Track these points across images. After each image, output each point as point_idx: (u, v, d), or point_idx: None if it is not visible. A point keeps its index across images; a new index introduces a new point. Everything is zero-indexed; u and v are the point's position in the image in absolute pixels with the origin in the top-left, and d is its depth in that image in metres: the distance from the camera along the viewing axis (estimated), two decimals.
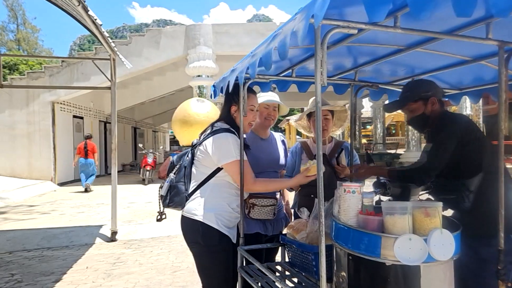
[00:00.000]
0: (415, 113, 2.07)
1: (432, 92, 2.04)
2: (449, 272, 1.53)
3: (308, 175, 2.02)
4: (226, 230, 2.14)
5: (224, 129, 2.16)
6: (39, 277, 4.16)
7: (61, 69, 12.58)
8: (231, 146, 2.08)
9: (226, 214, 2.14)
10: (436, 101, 2.04)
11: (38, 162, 12.59)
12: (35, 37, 40.61)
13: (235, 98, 2.21)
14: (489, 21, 1.44)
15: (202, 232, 2.09)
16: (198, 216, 2.10)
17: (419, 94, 2.04)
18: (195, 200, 2.14)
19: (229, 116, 2.25)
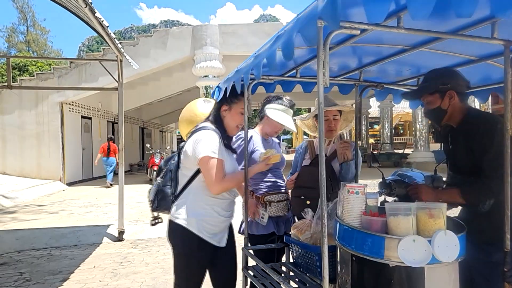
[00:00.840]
0: (431, 105, 1.94)
1: (452, 84, 1.87)
2: (454, 274, 1.52)
3: (268, 163, 2.14)
4: (209, 236, 2.11)
5: (208, 128, 2.16)
6: (47, 276, 4.21)
7: (69, 70, 12.72)
8: (207, 142, 2.06)
9: (211, 219, 2.12)
10: (455, 95, 1.88)
11: (47, 162, 12.74)
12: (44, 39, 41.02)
13: (227, 98, 2.22)
14: (494, 21, 1.42)
15: (182, 236, 2.09)
16: (180, 220, 2.10)
17: (436, 86, 1.89)
18: (179, 203, 2.15)
19: (217, 116, 2.25)
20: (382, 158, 17.35)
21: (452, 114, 1.91)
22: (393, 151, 19.60)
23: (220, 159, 2.06)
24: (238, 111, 2.24)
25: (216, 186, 2.03)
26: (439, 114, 1.93)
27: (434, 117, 1.98)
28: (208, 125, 2.18)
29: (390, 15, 1.28)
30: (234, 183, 2.15)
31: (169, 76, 15.98)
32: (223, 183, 2.05)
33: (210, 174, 2.02)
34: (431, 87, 1.91)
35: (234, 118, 2.25)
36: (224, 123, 2.24)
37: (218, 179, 2.03)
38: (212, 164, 2.02)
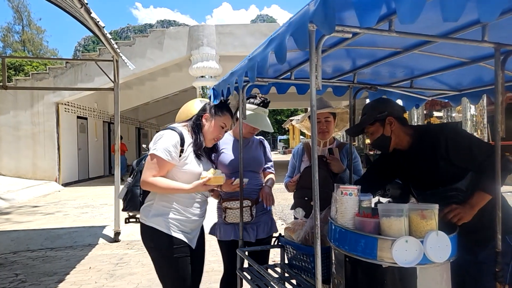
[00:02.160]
0: (375, 135, 2.03)
1: (388, 111, 1.98)
2: (446, 274, 1.54)
3: (207, 184, 2.00)
4: (180, 233, 2.09)
5: (172, 128, 2.13)
6: (42, 277, 4.20)
7: (65, 70, 12.68)
8: (162, 141, 2.04)
9: (180, 218, 2.10)
10: (394, 120, 1.98)
11: (43, 163, 12.69)
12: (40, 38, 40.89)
13: (212, 110, 2.21)
14: (484, 24, 1.44)
15: (154, 238, 2.08)
16: (148, 221, 2.09)
17: (374, 116, 1.99)
18: (146, 204, 2.14)
19: (198, 121, 2.21)
20: None
21: (398, 138, 1.99)
22: None
23: (165, 161, 2.01)
24: (219, 124, 2.21)
25: (143, 182, 2.02)
26: (385, 141, 2.00)
27: (381, 145, 2.05)
28: (177, 126, 2.16)
29: (381, 18, 1.29)
30: (160, 189, 2.03)
31: (165, 76, 15.97)
32: (149, 182, 2.01)
33: (145, 169, 2.03)
34: (370, 118, 2.01)
35: (213, 130, 2.20)
36: (202, 130, 2.20)
37: (148, 175, 2.00)
38: (153, 161, 2.01)
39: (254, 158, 2.58)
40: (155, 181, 2.00)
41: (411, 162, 2.01)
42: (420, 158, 1.95)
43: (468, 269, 1.84)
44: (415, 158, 1.98)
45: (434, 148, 1.87)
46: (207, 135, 2.20)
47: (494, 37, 1.51)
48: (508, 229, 1.79)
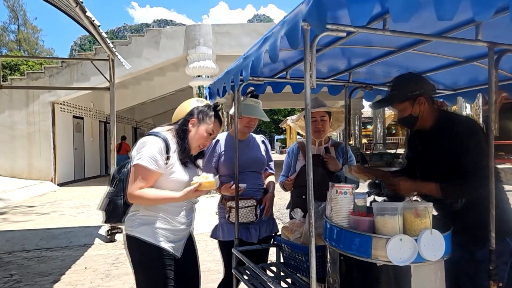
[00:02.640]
0: (403, 113, 1.94)
1: (421, 90, 1.88)
2: (440, 272, 1.54)
3: (198, 190, 1.88)
4: (167, 244, 1.98)
5: (156, 134, 1.98)
6: (37, 277, 4.18)
7: (61, 69, 12.62)
8: (146, 149, 1.90)
9: (166, 227, 1.98)
10: (425, 101, 1.89)
11: (38, 163, 12.62)
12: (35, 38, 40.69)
13: (199, 115, 2.06)
14: (478, 23, 1.45)
15: (139, 248, 1.95)
16: (134, 232, 1.95)
17: (406, 94, 1.88)
18: (131, 214, 2.00)
19: (184, 126, 2.04)
20: (375, 158, 17.47)
21: (423, 119, 1.93)
22: (386, 151, 19.73)
23: (152, 170, 1.88)
24: (205, 131, 2.05)
25: (130, 195, 1.89)
26: (411, 121, 1.94)
27: (406, 124, 1.99)
28: (160, 131, 2.01)
29: (375, 17, 1.30)
30: (149, 201, 1.92)
31: (162, 76, 15.94)
32: (137, 195, 1.88)
33: (131, 181, 1.89)
34: (400, 96, 1.90)
35: (199, 137, 2.05)
36: (188, 138, 2.03)
37: (135, 188, 1.87)
38: (139, 172, 1.87)
39: (256, 158, 2.57)
40: (143, 193, 1.88)
41: (426, 144, 1.96)
42: (434, 143, 1.90)
43: (464, 267, 1.84)
44: (430, 142, 1.93)
45: (447, 137, 1.82)
46: (192, 142, 2.04)
47: (488, 36, 1.52)
48: (509, 230, 1.80)
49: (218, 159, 2.51)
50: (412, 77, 1.95)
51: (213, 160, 2.52)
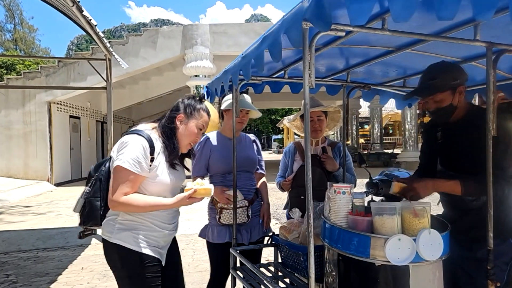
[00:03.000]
0: (441, 103, 1.79)
1: (461, 79, 1.77)
2: (438, 272, 1.54)
3: (193, 197, 1.74)
4: (151, 249, 1.82)
5: (140, 133, 1.81)
6: (34, 278, 4.15)
7: (57, 69, 12.56)
8: (128, 149, 1.72)
9: (150, 232, 1.83)
10: (464, 90, 1.79)
11: (34, 162, 12.56)
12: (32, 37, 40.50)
13: (187, 109, 1.90)
14: (476, 23, 1.45)
15: (120, 256, 1.79)
16: (114, 238, 1.79)
17: (449, 83, 1.75)
18: (109, 218, 1.83)
19: (171, 124, 1.88)
20: (372, 158, 17.51)
21: (458, 110, 1.83)
22: (383, 151, 19.78)
23: (135, 174, 1.71)
24: (195, 126, 1.90)
25: (114, 202, 1.71)
26: (450, 111, 1.81)
27: (444, 115, 1.84)
28: (144, 130, 1.84)
29: (374, 17, 1.30)
30: (136, 208, 1.75)
31: (159, 76, 15.91)
32: (123, 202, 1.71)
33: (113, 186, 1.71)
34: (443, 84, 1.76)
35: (188, 134, 1.89)
36: (176, 135, 1.88)
37: (120, 194, 1.70)
38: (121, 175, 1.70)
39: (248, 157, 2.55)
40: (130, 200, 1.71)
41: (451, 137, 1.87)
42: (463, 136, 1.81)
43: (464, 266, 1.84)
44: (457, 134, 1.84)
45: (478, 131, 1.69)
46: (182, 139, 1.89)
47: (486, 36, 1.52)
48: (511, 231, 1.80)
49: (208, 158, 2.47)
50: (452, 66, 1.83)
51: (203, 159, 2.47)
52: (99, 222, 1.84)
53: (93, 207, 1.81)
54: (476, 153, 1.71)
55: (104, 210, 1.83)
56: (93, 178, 1.85)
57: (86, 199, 1.83)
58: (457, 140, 1.85)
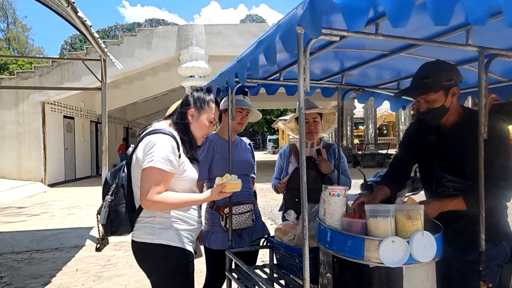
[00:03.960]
0: (433, 104, 1.73)
1: (455, 80, 1.72)
2: (431, 273, 1.56)
3: (223, 191, 1.80)
4: (191, 245, 1.89)
5: (163, 131, 1.81)
6: (28, 279, 4.13)
7: (51, 69, 12.49)
8: (158, 149, 1.73)
9: (187, 227, 1.88)
10: (457, 91, 1.74)
11: (28, 163, 12.47)
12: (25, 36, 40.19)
13: (197, 103, 1.93)
14: (469, 28, 1.48)
15: (165, 255, 1.80)
16: (157, 238, 1.79)
17: (442, 83, 1.69)
18: (145, 220, 1.82)
19: (183, 119, 1.91)
20: (366, 159, 17.60)
21: (450, 112, 1.78)
22: (377, 152, 19.90)
23: (167, 172, 1.73)
24: (206, 119, 1.94)
25: (148, 202, 1.71)
26: (441, 113, 1.76)
27: (435, 116, 1.78)
28: (164, 128, 1.85)
29: (368, 22, 1.31)
30: (170, 205, 1.78)
31: (154, 76, 15.86)
32: (157, 200, 1.71)
33: (146, 186, 1.70)
34: (436, 84, 1.70)
35: (201, 127, 1.93)
36: (190, 129, 1.92)
37: (153, 194, 1.70)
38: (154, 175, 1.70)
39: (246, 160, 2.55)
40: (164, 198, 1.72)
41: (446, 140, 1.84)
42: (457, 141, 1.79)
43: (458, 268, 1.86)
44: (452, 139, 1.82)
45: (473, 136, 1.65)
46: (196, 133, 1.93)
47: (478, 41, 1.54)
48: (504, 236, 1.83)
49: (211, 161, 2.44)
50: (446, 65, 1.76)
51: (208, 162, 2.44)
52: (131, 228, 1.83)
53: (121, 214, 1.80)
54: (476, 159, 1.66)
55: (132, 215, 1.82)
56: (112, 186, 1.83)
57: (111, 208, 1.80)
58: (456, 146, 1.81)
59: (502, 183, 1.68)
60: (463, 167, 1.78)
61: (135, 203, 1.85)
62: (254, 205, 2.51)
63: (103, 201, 1.83)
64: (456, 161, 1.81)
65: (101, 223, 1.83)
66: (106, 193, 1.84)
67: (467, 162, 1.75)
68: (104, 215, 1.80)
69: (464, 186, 1.78)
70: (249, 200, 2.46)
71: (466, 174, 1.76)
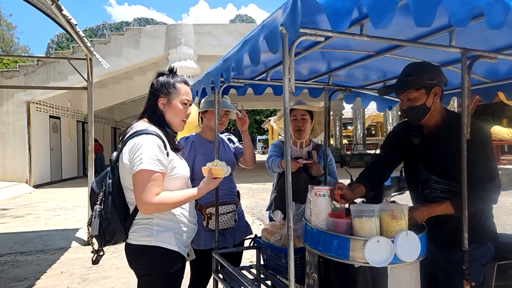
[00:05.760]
0: (414, 102, 1.77)
1: (438, 80, 1.75)
2: (416, 272, 1.58)
3: (215, 177, 1.76)
4: (184, 250, 1.84)
5: (146, 131, 1.73)
6: (11, 282, 4.04)
7: (37, 68, 12.26)
8: (145, 151, 1.65)
9: (184, 229, 1.82)
10: (439, 93, 1.77)
11: (12, 164, 12.23)
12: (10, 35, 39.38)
13: (163, 89, 1.81)
14: (452, 29, 1.49)
15: (160, 258, 1.73)
16: (154, 240, 1.71)
17: (424, 81, 1.73)
18: (142, 222, 1.74)
19: (156, 112, 1.81)
20: (355, 159, 17.75)
21: (432, 113, 1.81)
22: (366, 152, 20.08)
23: (160, 173, 1.67)
24: (178, 101, 1.82)
25: (148, 205, 1.63)
26: (422, 112, 1.79)
27: (416, 115, 1.81)
28: (147, 128, 1.75)
29: (353, 22, 1.32)
30: (170, 205, 1.71)
31: (142, 75, 15.70)
32: (157, 202, 1.64)
33: (141, 189, 1.63)
34: (418, 82, 1.73)
35: (176, 112, 1.82)
36: (166, 118, 1.82)
37: (151, 196, 1.63)
38: (146, 178, 1.63)
39: (229, 160, 2.52)
40: (163, 199, 1.66)
41: (430, 143, 1.86)
42: (442, 143, 1.81)
43: (444, 267, 1.88)
44: (436, 141, 1.84)
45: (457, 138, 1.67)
46: (174, 120, 1.82)
47: (461, 43, 1.56)
48: (490, 236, 1.86)
49: (193, 161, 2.42)
50: (430, 66, 1.81)
51: (190, 162, 2.40)
52: (125, 235, 1.74)
53: (113, 222, 1.71)
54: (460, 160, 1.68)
55: (125, 221, 1.74)
56: (100, 194, 1.73)
57: (102, 217, 1.71)
58: (438, 147, 1.84)
59: (487, 185, 1.70)
60: (448, 169, 1.80)
61: (129, 206, 1.76)
62: (237, 205, 2.50)
63: (92, 211, 1.73)
64: (440, 163, 1.84)
65: (93, 235, 1.73)
66: (94, 202, 1.74)
67: (451, 164, 1.77)
68: (96, 226, 1.70)
69: (450, 188, 1.79)
70: (232, 200, 2.45)
71: (452, 176, 1.78)
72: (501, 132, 11.31)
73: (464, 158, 1.57)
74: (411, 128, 1.95)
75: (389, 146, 2.13)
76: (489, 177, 1.71)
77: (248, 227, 2.61)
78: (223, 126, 2.50)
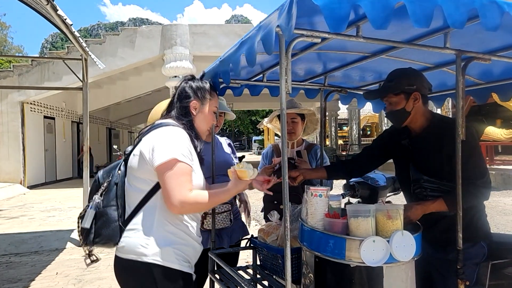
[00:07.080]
0: (395, 106, 1.88)
1: (417, 86, 1.83)
2: (411, 272, 1.59)
3: (243, 179, 1.63)
4: (189, 266, 1.58)
5: (173, 124, 1.59)
6: (6, 284, 4.02)
7: (31, 68, 12.18)
8: (174, 141, 1.48)
9: (188, 245, 1.58)
10: (419, 97, 1.84)
11: (6, 165, 12.14)
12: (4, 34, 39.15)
13: (198, 93, 1.70)
14: (447, 31, 1.51)
15: (157, 278, 1.46)
16: (149, 256, 1.46)
17: (402, 87, 1.82)
18: (136, 231, 1.48)
19: (187, 116, 1.66)
20: None
21: (414, 117, 1.88)
22: None
23: (189, 166, 1.47)
24: (211, 109, 1.74)
25: (183, 203, 1.42)
26: (403, 116, 1.88)
27: (396, 118, 1.93)
28: (171, 122, 1.61)
29: (349, 24, 1.33)
30: (206, 205, 1.53)
31: (138, 76, 15.66)
32: (192, 201, 1.45)
33: (175, 183, 1.41)
34: (397, 87, 1.84)
35: (207, 119, 1.73)
36: (195, 124, 1.68)
37: (186, 192, 1.42)
38: (181, 170, 1.42)
39: (225, 160, 2.52)
40: (198, 196, 1.46)
41: (418, 145, 1.93)
42: (429, 144, 1.88)
43: (438, 267, 1.90)
44: (423, 143, 1.91)
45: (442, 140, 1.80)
46: (201, 127, 1.70)
47: (456, 44, 1.58)
48: (483, 235, 1.88)
49: None
50: (411, 72, 1.89)
51: None
52: (118, 237, 1.49)
53: (109, 218, 1.49)
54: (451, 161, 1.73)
55: (123, 221, 1.51)
56: (103, 184, 1.55)
57: (98, 209, 1.50)
58: (426, 149, 1.91)
59: (478, 182, 1.76)
60: (437, 168, 1.86)
61: (126, 207, 1.55)
62: (233, 205, 2.50)
63: (88, 202, 1.53)
64: (428, 163, 1.90)
65: (84, 227, 1.48)
66: (94, 192, 1.55)
67: (439, 164, 1.84)
68: (89, 217, 1.48)
69: (440, 186, 1.85)
70: (229, 200, 2.45)
71: (441, 175, 1.84)
72: (494, 133, 11.43)
73: (459, 158, 1.59)
74: (401, 131, 2.03)
75: (376, 143, 2.26)
76: (480, 173, 1.77)
77: (244, 227, 2.61)
78: (218, 128, 2.48)
